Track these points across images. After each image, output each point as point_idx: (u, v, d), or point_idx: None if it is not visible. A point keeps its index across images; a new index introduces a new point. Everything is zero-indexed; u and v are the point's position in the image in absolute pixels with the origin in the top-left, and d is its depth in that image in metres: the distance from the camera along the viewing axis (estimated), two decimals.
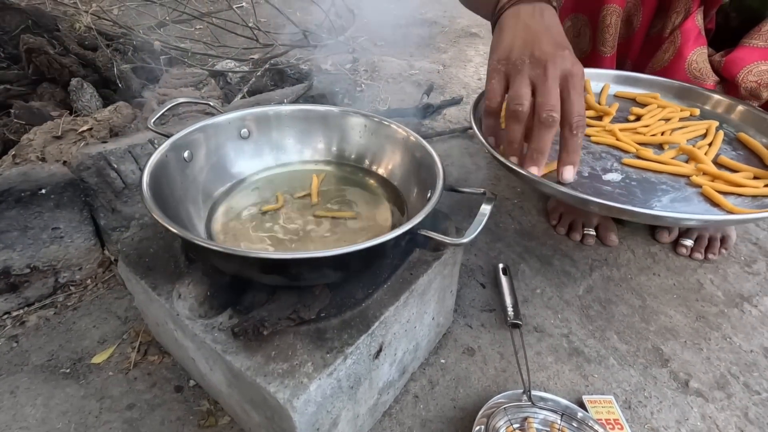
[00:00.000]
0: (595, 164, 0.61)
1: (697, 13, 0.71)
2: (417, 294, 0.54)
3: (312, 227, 0.56)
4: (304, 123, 0.67)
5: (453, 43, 1.90)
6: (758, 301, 0.77)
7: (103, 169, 0.73)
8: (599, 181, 0.57)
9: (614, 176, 0.58)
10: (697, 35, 0.72)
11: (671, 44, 0.73)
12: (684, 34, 0.72)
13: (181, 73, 1.03)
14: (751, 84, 0.70)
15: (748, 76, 0.70)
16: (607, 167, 0.60)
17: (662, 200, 0.55)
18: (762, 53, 0.69)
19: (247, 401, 0.48)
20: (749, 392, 0.63)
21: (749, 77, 0.70)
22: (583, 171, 0.59)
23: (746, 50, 0.70)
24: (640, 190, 0.56)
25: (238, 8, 1.72)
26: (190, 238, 0.42)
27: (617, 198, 0.54)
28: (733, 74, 0.71)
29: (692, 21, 0.71)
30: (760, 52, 0.69)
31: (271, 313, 0.45)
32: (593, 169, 0.60)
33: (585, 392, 0.62)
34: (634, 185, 0.57)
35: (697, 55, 0.73)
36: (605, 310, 0.75)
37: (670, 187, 0.57)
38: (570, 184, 0.54)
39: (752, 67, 0.70)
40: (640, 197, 0.55)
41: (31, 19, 1.11)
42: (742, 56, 0.70)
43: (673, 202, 0.55)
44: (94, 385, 0.61)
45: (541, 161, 0.52)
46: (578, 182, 0.57)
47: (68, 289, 0.75)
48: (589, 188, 0.56)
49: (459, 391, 0.62)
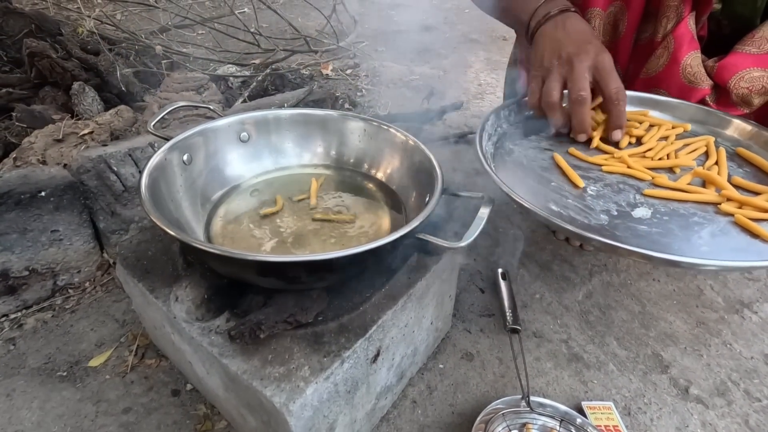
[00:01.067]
0: (618, 198, 0.58)
1: (689, 18, 0.71)
2: (415, 298, 0.54)
3: (310, 231, 0.56)
4: (304, 127, 0.67)
5: (453, 49, 1.91)
6: (758, 307, 0.77)
7: (103, 172, 0.73)
8: (631, 220, 0.54)
9: (644, 212, 0.56)
10: (690, 39, 0.72)
11: (665, 49, 0.73)
12: (677, 39, 0.72)
13: (183, 77, 1.04)
14: (743, 90, 0.70)
15: (740, 83, 0.70)
16: (631, 201, 0.57)
17: (702, 236, 0.52)
18: (755, 59, 0.69)
19: (243, 405, 0.48)
20: (750, 399, 0.63)
21: (741, 83, 0.70)
22: (611, 209, 0.56)
23: (739, 56, 0.70)
24: (675, 225, 0.53)
25: (240, 13, 1.74)
26: (187, 240, 0.42)
27: (660, 241, 0.51)
28: (725, 80, 0.71)
29: (685, 26, 0.71)
30: (753, 58, 0.69)
31: (268, 317, 0.45)
32: (619, 205, 0.57)
33: (584, 398, 0.61)
34: (666, 220, 0.55)
35: (691, 59, 0.73)
36: (605, 316, 0.74)
37: (703, 219, 0.55)
38: (606, 227, 0.52)
39: (744, 73, 0.70)
40: (678, 235, 0.52)
41: (34, 24, 1.12)
42: (735, 62, 0.70)
43: (713, 237, 0.52)
44: (91, 388, 0.61)
45: (584, 132, 0.65)
46: (612, 224, 0.53)
47: (66, 292, 0.74)
48: (624, 230, 0.53)
49: (457, 396, 0.61)
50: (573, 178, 0.61)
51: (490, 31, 2.05)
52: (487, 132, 0.66)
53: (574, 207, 0.56)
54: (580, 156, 0.65)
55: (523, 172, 0.62)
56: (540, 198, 0.57)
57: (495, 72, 1.70)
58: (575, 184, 0.60)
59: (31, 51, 1.03)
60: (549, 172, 0.62)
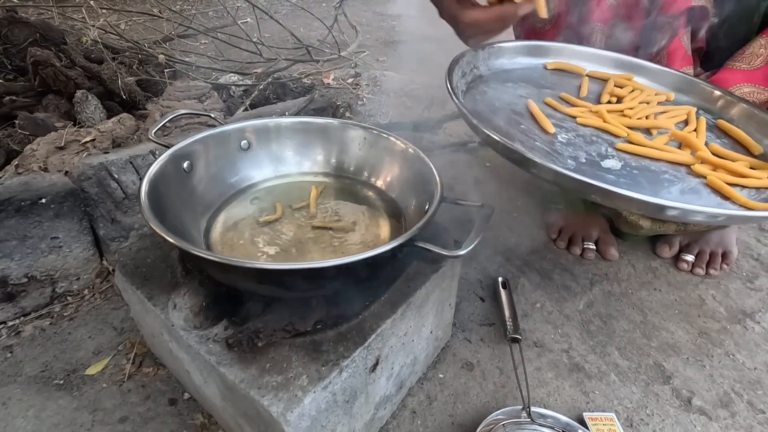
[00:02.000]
0: (588, 149, 0.58)
1: (684, 34, 0.72)
2: (415, 307, 0.53)
3: (309, 238, 0.56)
4: (304, 135, 0.67)
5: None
6: (761, 317, 0.76)
7: (104, 179, 0.73)
8: (599, 169, 0.55)
9: (613, 163, 0.56)
10: (684, 55, 0.74)
11: (657, 63, 0.75)
12: (670, 54, 0.73)
13: (185, 86, 1.05)
14: None
15: None
16: (601, 152, 0.57)
17: (671, 191, 0.52)
18: (745, 75, 0.71)
19: (241, 415, 0.47)
20: (754, 411, 0.62)
21: None
22: (580, 156, 0.56)
23: (729, 72, 0.72)
24: (644, 179, 0.53)
25: (243, 23, 1.75)
26: (186, 248, 0.42)
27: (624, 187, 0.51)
28: None
29: (678, 41, 0.73)
30: (743, 74, 0.71)
31: (267, 325, 0.45)
32: (589, 155, 0.56)
33: (586, 409, 0.61)
34: (636, 173, 0.54)
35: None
36: (606, 326, 0.74)
37: (674, 177, 0.55)
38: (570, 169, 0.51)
39: (735, 88, 0.71)
40: (647, 187, 0.52)
41: (39, 33, 1.13)
42: (726, 78, 0.72)
43: (682, 193, 0.52)
44: (88, 397, 0.60)
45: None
46: (578, 168, 0.54)
47: (65, 299, 0.74)
48: (591, 176, 0.52)
49: (457, 407, 0.61)
50: (543, 123, 0.60)
51: None
52: (460, 68, 0.65)
53: (540, 149, 0.56)
54: (556, 106, 0.65)
55: (493, 113, 0.61)
56: (506, 136, 0.55)
57: None
58: (545, 129, 0.59)
59: (35, 59, 1.04)
60: (520, 117, 0.61)
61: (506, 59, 0.74)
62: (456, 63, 0.64)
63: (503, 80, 0.70)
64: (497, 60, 0.73)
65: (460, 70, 0.64)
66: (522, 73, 0.72)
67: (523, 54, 0.76)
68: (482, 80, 0.69)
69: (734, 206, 0.51)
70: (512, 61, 0.75)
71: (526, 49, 0.76)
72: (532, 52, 0.77)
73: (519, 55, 0.76)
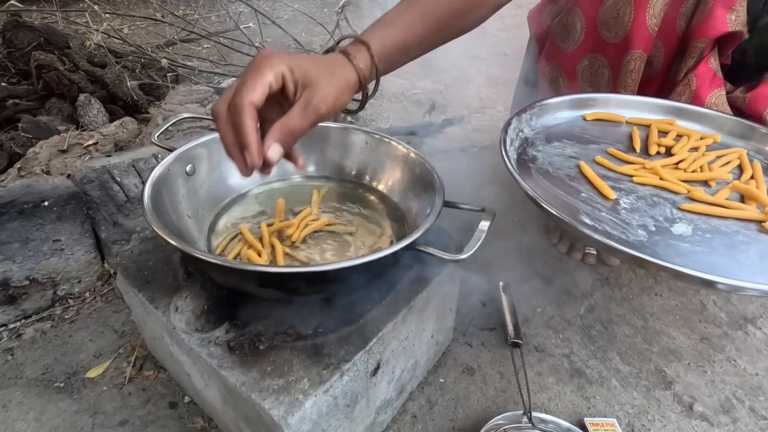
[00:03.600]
0: (654, 213, 0.55)
1: (711, 56, 0.70)
2: (416, 311, 0.53)
3: (311, 242, 0.56)
4: (306, 139, 0.66)
5: (455, 64, 1.94)
6: (762, 323, 0.76)
7: (106, 182, 0.73)
8: (671, 237, 0.52)
9: (684, 228, 0.52)
10: (713, 78, 0.71)
11: (686, 87, 0.72)
12: (699, 78, 0.70)
13: (187, 90, 1.05)
14: None
15: None
16: (668, 216, 0.55)
17: (749, 256, 0.49)
18: None
19: (241, 418, 0.47)
20: (755, 417, 0.62)
21: None
22: (648, 224, 0.52)
23: None
24: (719, 244, 0.51)
25: (245, 28, 1.76)
26: (188, 250, 0.42)
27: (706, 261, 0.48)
28: (760, 111, 0.69)
29: (706, 64, 0.70)
30: None
31: (268, 328, 0.45)
32: (656, 220, 0.54)
33: (587, 414, 0.61)
34: (709, 238, 0.51)
35: (715, 97, 0.71)
36: (607, 331, 0.74)
37: (748, 237, 0.52)
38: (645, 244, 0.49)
39: None
40: (724, 254, 0.49)
41: (43, 37, 1.14)
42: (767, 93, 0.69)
43: (762, 258, 0.49)
44: (88, 399, 0.60)
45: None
46: (651, 240, 0.50)
47: (66, 302, 0.74)
48: (667, 248, 0.50)
49: (458, 411, 0.60)
50: (603, 190, 0.57)
51: (492, 47, 2.07)
52: (509, 137, 0.62)
53: (608, 221, 0.53)
54: (609, 165, 0.62)
55: (549, 182, 0.59)
56: (572, 210, 0.54)
57: (496, 87, 1.72)
58: (606, 195, 0.57)
59: (38, 63, 1.05)
60: (577, 182, 0.59)
61: (549, 116, 0.72)
62: (506, 133, 0.61)
63: (549, 140, 0.68)
64: (540, 119, 0.71)
65: (509, 139, 0.62)
66: (564, 128, 0.70)
67: (562, 108, 0.74)
68: (528, 143, 0.67)
69: None
70: (554, 116, 0.72)
71: (566, 104, 0.75)
72: (571, 105, 0.75)
73: (559, 110, 0.74)
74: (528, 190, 0.52)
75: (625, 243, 0.48)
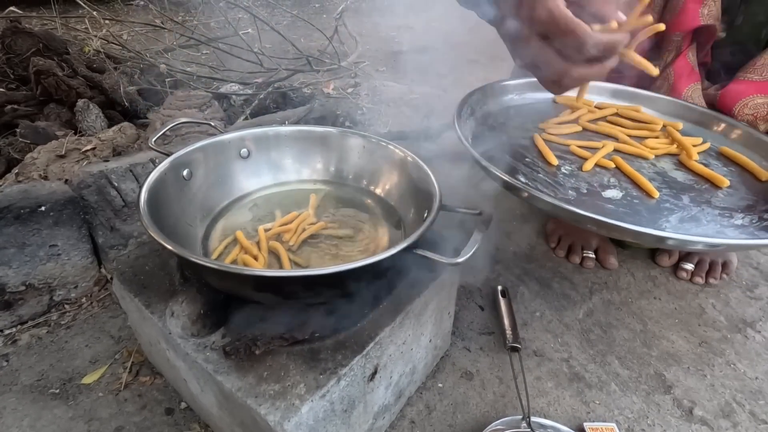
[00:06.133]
0: (591, 180, 0.60)
1: (689, 51, 0.72)
2: (413, 315, 0.53)
3: (308, 246, 0.56)
4: (303, 143, 0.67)
5: (453, 69, 1.94)
6: (761, 326, 0.76)
7: (103, 187, 0.73)
8: (600, 199, 0.57)
9: (614, 193, 0.57)
10: (690, 72, 0.73)
11: (664, 81, 0.75)
12: (676, 71, 0.73)
13: (186, 95, 1.06)
14: (748, 117, 0.71)
15: (744, 109, 0.71)
16: (603, 183, 0.59)
17: (670, 220, 0.53)
18: (758, 86, 0.70)
19: (237, 424, 0.47)
20: (756, 421, 0.61)
21: (745, 110, 0.71)
22: (581, 187, 0.58)
23: (742, 84, 0.71)
24: (644, 208, 0.55)
25: (244, 34, 1.77)
26: (185, 255, 0.42)
27: (625, 219, 0.51)
28: (730, 107, 0.72)
29: (684, 59, 0.73)
30: (756, 85, 0.70)
31: (264, 333, 0.44)
32: (590, 185, 0.59)
33: (586, 419, 0.60)
34: (636, 203, 0.56)
35: (692, 90, 0.74)
36: (606, 335, 0.73)
37: (674, 206, 0.56)
38: (570, 202, 0.53)
39: (748, 100, 0.71)
40: (645, 216, 0.54)
41: (42, 43, 1.14)
42: (738, 90, 0.72)
43: (681, 222, 0.53)
44: (83, 406, 0.59)
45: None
46: (579, 200, 0.56)
47: (63, 308, 0.74)
48: (591, 206, 0.55)
49: (457, 416, 0.60)
50: (547, 156, 0.62)
51: (489, 52, 2.08)
52: (469, 106, 0.67)
53: (543, 181, 0.58)
54: (557, 140, 0.67)
55: (500, 147, 0.63)
56: (511, 171, 0.58)
57: None
58: (549, 161, 0.61)
59: (37, 69, 1.05)
60: (526, 150, 0.64)
61: (515, 95, 0.75)
62: (465, 102, 0.66)
63: (513, 116, 0.72)
64: (506, 96, 0.74)
65: (469, 108, 0.67)
66: (531, 108, 0.73)
67: (531, 90, 0.77)
68: (491, 115, 0.71)
69: (733, 235, 0.52)
70: (522, 96, 0.76)
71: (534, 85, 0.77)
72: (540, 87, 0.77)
73: (527, 91, 0.77)
74: (472, 152, 0.56)
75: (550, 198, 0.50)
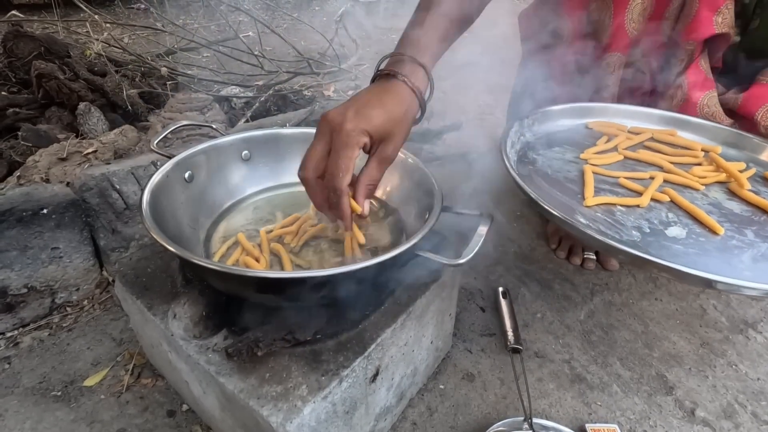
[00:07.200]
0: (649, 216, 0.55)
1: (701, 59, 0.71)
2: (415, 316, 0.53)
3: (310, 247, 0.56)
4: (304, 145, 0.67)
5: (453, 71, 1.95)
6: (763, 327, 0.76)
7: (105, 189, 0.73)
8: (665, 239, 0.52)
9: (678, 231, 0.53)
10: (704, 80, 0.71)
11: (678, 89, 0.73)
12: (690, 80, 0.71)
13: (187, 98, 1.06)
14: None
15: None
16: (663, 219, 0.55)
17: (743, 260, 0.50)
18: None
19: (240, 426, 0.47)
20: (758, 422, 0.61)
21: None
22: (643, 226, 0.53)
23: (764, 87, 0.69)
24: (712, 248, 0.51)
25: (245, 37, 1.78)
26: (187, 256, 0.42)
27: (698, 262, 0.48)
28: (752, 112, 0.70)
29: (696, 67, 0.71)
30: None
31: (266, 334, 0.45)
32: (651, 223, 0.54)
33: (588, 420, 0.60)
34: (703, 241, 0.52)
35: (707, 99, 0.72)
36: (607, 336, 0.73)
37: (740, 242, 0.52)
38: (637, 243, 0.50)
39: None
40: (717, 257, 0.49)
41: (43, 46, 1.15)
42: (760, 94, 0.69)
43: (755, 261, 0.49)
44: (85, 408, 0.60)
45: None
46: (645, 241, 0.51)
47: (64, 310, 0.74)
48: (659, 249, 0.50)
49: (458, 418, 0.60)
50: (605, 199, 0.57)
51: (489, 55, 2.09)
52: (510, 140, 0.64)
53: (603, 221, 0.54)
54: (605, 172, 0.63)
55: (548, 183, 0.60)
56: (568, 210, 0.54)
57: (493, 94, 1.73)
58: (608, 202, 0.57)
59: (39, 72, 1.05)
60: (574, 184, 0.60)
61: (551, 123, 0.74)
62: (507, 137, 0.63)
63: (550, 145, 0.69)
64: (541, 125, 0.72)
65: (510, 142, 0.64)
66: (566, 134, 0.71)
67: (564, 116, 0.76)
68: (530, 147, 0.68)
69: None
70: (556, 123, 0.74)
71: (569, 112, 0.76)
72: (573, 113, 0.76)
73: (561, 118, 0.75)
74: (527, 190, 0.52)
75: (619, 242, 0.48)
